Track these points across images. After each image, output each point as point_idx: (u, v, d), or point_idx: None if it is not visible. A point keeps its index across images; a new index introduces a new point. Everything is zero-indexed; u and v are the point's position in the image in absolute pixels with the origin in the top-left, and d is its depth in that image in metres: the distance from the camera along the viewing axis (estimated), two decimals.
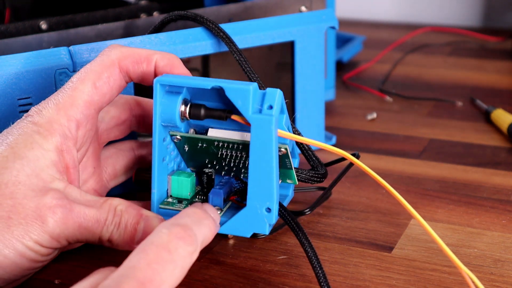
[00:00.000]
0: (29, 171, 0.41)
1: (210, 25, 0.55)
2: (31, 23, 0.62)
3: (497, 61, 0.92)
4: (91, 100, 0.44)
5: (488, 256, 0.48)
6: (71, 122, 0.43)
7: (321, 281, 0.42)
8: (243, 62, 0.53)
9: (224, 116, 0.44)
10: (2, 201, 0.40)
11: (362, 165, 0.44)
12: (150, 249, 0.35)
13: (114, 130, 0.49)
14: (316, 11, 0.62)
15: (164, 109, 0.44)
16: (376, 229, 0.51)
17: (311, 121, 0.63)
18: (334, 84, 0.77)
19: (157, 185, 0.45)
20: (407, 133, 0.69)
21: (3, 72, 0.49)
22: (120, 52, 0.45)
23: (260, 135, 0.42)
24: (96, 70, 0.44)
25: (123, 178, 0.51)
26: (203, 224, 0.39)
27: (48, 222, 0.41)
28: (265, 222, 0.43)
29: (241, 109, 0.42)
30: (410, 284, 0.45)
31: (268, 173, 0.43)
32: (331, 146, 0.44)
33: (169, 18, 0.56)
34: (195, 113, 0.44)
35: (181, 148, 0.46)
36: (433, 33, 1.06)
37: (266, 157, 0.42)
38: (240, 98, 0.42)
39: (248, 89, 0.42)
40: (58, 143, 0.42)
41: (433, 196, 0.56)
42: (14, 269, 0.41)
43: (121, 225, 0.42)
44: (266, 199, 0.43)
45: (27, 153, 0.41)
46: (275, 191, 0.43)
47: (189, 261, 0.37)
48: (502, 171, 0.60)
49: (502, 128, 0.68)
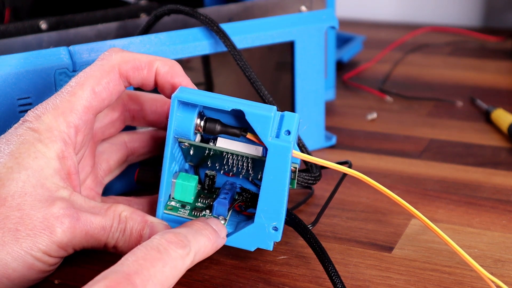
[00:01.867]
0: (34, 182, 0.41)
1: (203, 19, 0.54)
2: (31, 23, 0.62)
3: (497, 61, 0.92)
4: (90, 105, 0.43)
5: (488, 256, 0.48)
6: (70, 129, 0.43)
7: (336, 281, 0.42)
8: (239, 59, 0.53)
9: (239, 134, 0.44)
10: (9, 213, 0.40)
11: (359, 174, 0.44)
12: (138, 250, 0.36)
13: (108, 127, 0.49)
14: (316, 11, 0.62)
15: (179, 123, 0.44)
16: (376, 229, 0.51)
17: (311, 121, 0.63)
18: (334, 84, 0.77)
19: (164, 194, 0.45)
20: (407, 133, 0.69)
21: (2, 72, 0.49)
22: (120, 57, 0.44)
23: (277, 160, 0.43)
24: (95, 75, 0.44)
25: (117, 172, 0.51)
26: (200, 234, 0.40)
27: (57, 232, 0.40)
28: (271, 240, 0.44)
29: (260, 134, 0.43)
30: (410, 284, 0.45)
31: (280, 195, 0.43)
32: (339, 165, 0.44)
33: (162, 11, 0.56)
34: (210, 128, 0.44)
35: (185, 151, 0.46)
36: (433, 33, 1.06)
37: (279, 180, 0.43)
38: (259, 124, 0.42)
39: (269, 116, 0.42)
40: (59, 151, 0.42)
41: (433, 196, 0.56)
42: (22, 281, 0.41)
43: (127, 231, 0.42)
44: (274, 218, 0.44)
45: (31, 163, 0.41)
46: (283, 212, 0.44)
47: (181, 263, 0.37)
48: (502, 171, 0.60)
49: (502, 128, 0.68)
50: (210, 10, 0.63)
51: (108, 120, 0.49)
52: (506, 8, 1.10)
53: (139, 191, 0.55)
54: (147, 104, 0.50)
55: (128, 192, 0.55)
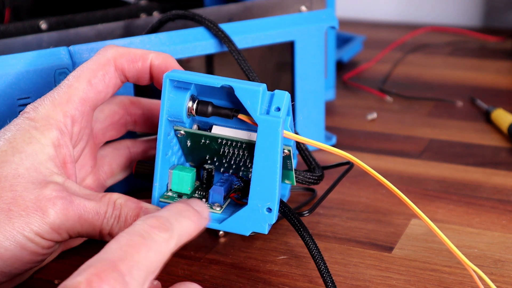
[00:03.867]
0: (28, 165, 0.41)
1: (208, 24, 0.55)
2: (31, 23, 0.62)
3: (497, 61, 0.92)
4: (86, 97, 0.44)
5: (488, 256, 0.48)
6: (66, 118, 0.43)
7: (324, 274, 0.42)
8: (242, 61, 0.53)
9: (231, 115, 0.44)
10: (2, 194, 0.40)
11: (364, 165, 0.44)
12: (121, 236, 0.36)
13: (109, 129, 0.50)
14: (316, 11, 0.62)
15: (171, 104, 0.44)
16: (376, 229, 0.51)
17: (311, 121, 0.63)
18: (334, 84, 0.77)
19: (159, 179, 0.45)
20: (407, 133, 0.69)
21: (3, 72, 0.49)
22: (115, 51, 0.46)
23: (267, 136, 0.42)
24: (91, 68, 0.45)
25: (120, 176, 0.52)
26: (182, 216, 0.39)
27: (49, 213, 0.41)
28: (265, 222, 0.43)
29: (249, 109, 0.43)
30: (410, 284, 0.45)
31: (272, 173, 0.43)
32: (333, 148, 0.44)
33: (167, 17, 0.56)
34: (202, 110, 0.45)
35: (183, 142, 0.47)
36: (433, 33, 1.06)
37: (271, 158, 0.42)
38: (249, 98, 0.42)
39: (258, 90, 0.42)
40: (55, 138, 0.43)
41: (433, 196, 0.56)
42: (14, 262, 0.41)
43: (121, 218, 0.42)
44: (268, 199, 0.43)
45: (26, 148, 0.42)
46: (277, 192, 0.43)
47: (165, 246, 0.37)
48: (502, 171, 0.60)
49: (502, 128, 0.68)
50: (210, 10, 0.63)
51: (109, 121, 0.49)
52: (506, 8, 1.10)
53: (140, 191, 0.55)
54: (148, 108, 0.51)
55: (128, 192, 0.55)
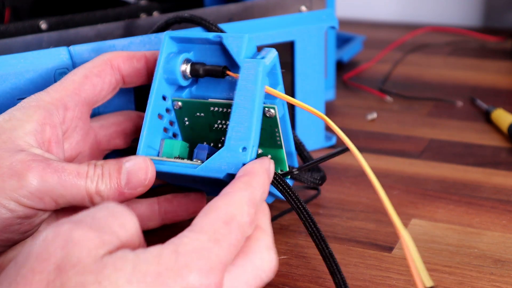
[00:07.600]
0: (4, 138, 0.41)
1: (215, 29, 0.54)
2: (31, 23, 0.62)
3: (497, 61, 0.92)
4: (81, 87, 0.45)
5: (488, 256, 0.48)
6: (58, 102, 0.44)
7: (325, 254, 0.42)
8: None
9: (221, 71, 0.46)
10: None
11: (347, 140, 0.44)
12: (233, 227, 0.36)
13: (114, 137, 0.50)
14: (316, 11, 0.62)
15: (167, 62, 0.46)
16: (376, 229, 0.51)
17: (311, 121, 0.63)
18: (334, 84, 0.77)
19: (146, 135, 0.46)
20: (407, 133, 0.69)
21: (2, 72, 0.49)
22: (111, 53, 0.47)
23: (247, 76, 0.44)
24: (87, 66, 0.46)
25: None
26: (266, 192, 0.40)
27: (25, 176, 0.40)
28: (239, 162, 0.43)
29: (235, 55, 0.45)
30: (410, 284, 0.45)
31: (249, 114, 0.43)
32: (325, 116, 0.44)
33: (173, 19, 0.56)
34: (194, 69, 0.46)
35: (181, 119, 0.47)
36: (433, 33, 1.06)
37: (249, 98, 0.43)
38: (235, 45, 0.45)
39: (243, 36, 0.45)
40: (41, 117, 0.43)
41: (433, 196, 0.56)
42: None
43: (105, 174, 0.42)
44: (244, 138, 0.43)
45: (3, 124, 0.42)
46: (253, 132, 0.43)
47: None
48: (502, 171, 0.60)
49: (502, 128, 0.68)
50: (210, 10, 0.63)
51: (113, 129, 0.50)
52: (506, 8, 1.10)
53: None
54: None
55: None
